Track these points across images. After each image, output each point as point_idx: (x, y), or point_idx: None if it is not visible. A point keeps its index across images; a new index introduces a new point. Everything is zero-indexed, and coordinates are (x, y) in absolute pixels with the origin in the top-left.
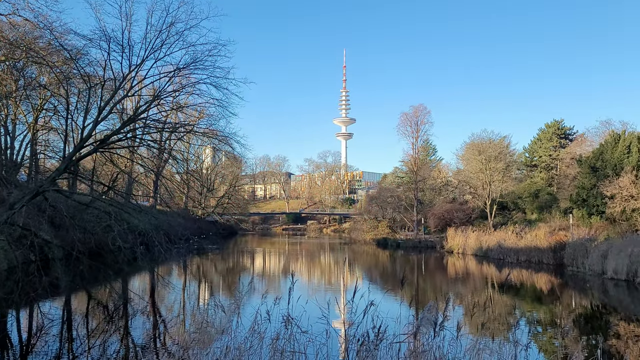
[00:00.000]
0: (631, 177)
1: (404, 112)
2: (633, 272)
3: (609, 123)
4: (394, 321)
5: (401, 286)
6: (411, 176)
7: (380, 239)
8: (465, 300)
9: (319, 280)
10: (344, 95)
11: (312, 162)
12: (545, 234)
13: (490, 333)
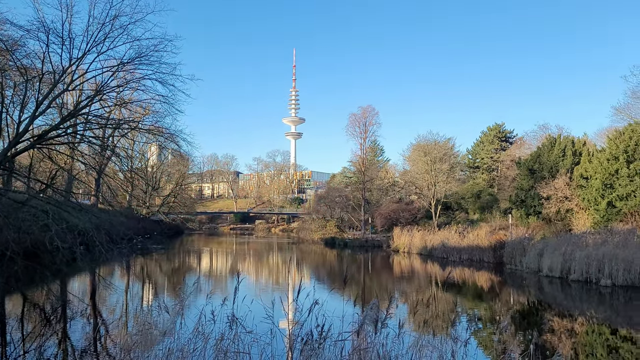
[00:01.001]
0: (565, 179)
1: (353, 113)
2: (566, 270)
3: (546, 127)
4: (339, 319)
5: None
6: (359, 176)
7: (328, 238)
8: (410, 298)
9: (267, 280)
10: (293, 95)
11: (261, 161)
12: (486, 233)
13: (432, 330)
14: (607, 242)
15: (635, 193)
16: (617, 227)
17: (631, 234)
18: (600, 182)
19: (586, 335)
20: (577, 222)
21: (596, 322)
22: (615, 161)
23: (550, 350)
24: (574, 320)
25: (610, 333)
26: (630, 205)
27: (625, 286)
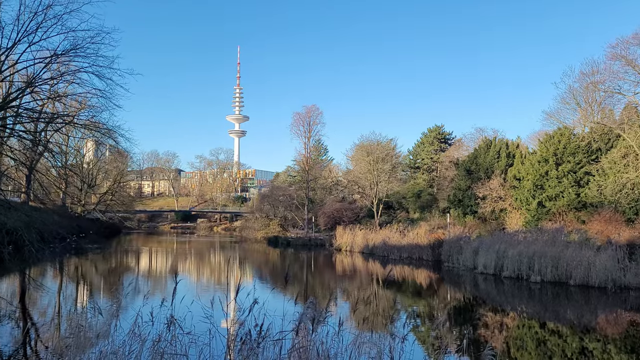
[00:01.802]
0: (500, 180)
1: (297, 112)
2: (499, 267)
3: (482, 130)
4: (280, 318)
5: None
6: (303, 175)
7: (272, 237)
8: (351, 296)
9: (208, 280)
10: (237, 92)
11: (204, 159)
12: (426, 232)
13: (372, 327)
14: (537, 240)
15: (563, 194)
16: (547, 226)
17: (559, 232)
18: (532, 183)
19: (517, 329)
20: (510, 221)
21: (526, 316)
22: (546, 163)
23: (484, 345)
24: (506, 315)
25: (540, 327)
26: (559, 205)
27: (553, 282)
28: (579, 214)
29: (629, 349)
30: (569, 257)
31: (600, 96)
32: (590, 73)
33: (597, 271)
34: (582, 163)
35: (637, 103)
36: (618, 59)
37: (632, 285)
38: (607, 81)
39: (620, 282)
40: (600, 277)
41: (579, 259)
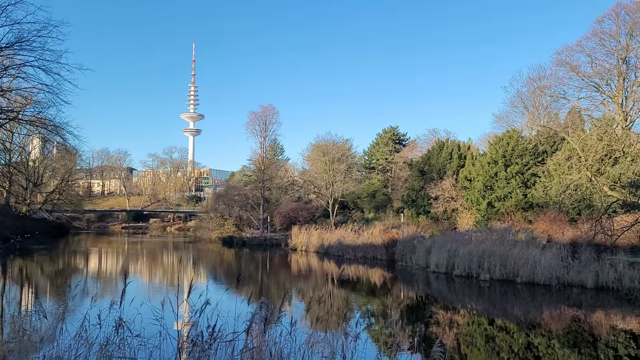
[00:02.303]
0: (452, 181)
1: (253, 111)
2: (451, 266)
3: (435, 131)
4: (234, 319)
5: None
6: (259, 175)
7: (227, 237)
8: (306, 296)
9: (160, 281)
10: (192, 90)
11: (157, 158)
12: (380, 231)
13: (326, 326)
14: (486, 239)
15: (512, 194)
16: (496, 226)
17: (507, 232)
18: (482, 183)
19: (467, 326)
20: (461, 221)
21: (476, 314)
22: (495, 165)
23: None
24: (457, 312)
25: (488, 324)
26: (507, 206)
27: (501, 280)
28: (526, 213)
29: (572, 343)
30: (516, 255)
31: (546, 100)
32: (537, 78)
33: (542, 269)
34: (529, 165)
35: (580, 108)
36: (563, 65)
37: (574, 282)
38: (553, 86)
39: (564, 279)
40: (545, 275)
41: (526, 258)
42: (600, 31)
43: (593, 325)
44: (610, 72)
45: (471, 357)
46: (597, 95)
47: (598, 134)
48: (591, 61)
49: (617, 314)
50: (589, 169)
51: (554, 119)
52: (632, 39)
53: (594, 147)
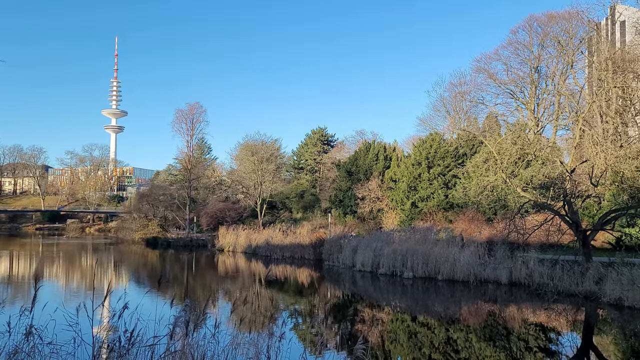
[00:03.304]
0: (378, 182)
1: (179, 109)
2: (376, 264)
3: (362, 133)
4: (155, 323)
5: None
6: (185, 174)
7: (150, 238)
8: (233, 297)
9: (78, 285)
10: (114, 85)
11: (76, 155)
12: (308, 231)
13: (252, 327)
14: (410, 238)
15: (434, 195)
16: (419, 225)
17: (429, 231)
18: (406, 184)
19: (391, 323)
20: (386, 221)
21: (399, 310)
22: (419, 166)
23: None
24: (381, 310)
25: (411, 320)
26: (430, 206)
27: (423, 277)
28: (447, 213)
29: (487, 337)
30: (438, 254)
31: (466, 105)
32: (458, 84)
33: (461, 266)
34: (450, 167)
35: (497, 113)
36: (482, 72)
37: (490, 278)
38: (473, 92)
39: (481, 276)
40: (464, 272)
41: (446, 256)
42: (515, 41)
43: (507, 319)
44: (524, 80)
45: (395, 353)
46: (512, 101)
47: (512, 139)
48: (507, 69)
49: (528, 307)
50: (504, 171)
51: (473, 123)
52: (544, 50)
53: (508, 150)
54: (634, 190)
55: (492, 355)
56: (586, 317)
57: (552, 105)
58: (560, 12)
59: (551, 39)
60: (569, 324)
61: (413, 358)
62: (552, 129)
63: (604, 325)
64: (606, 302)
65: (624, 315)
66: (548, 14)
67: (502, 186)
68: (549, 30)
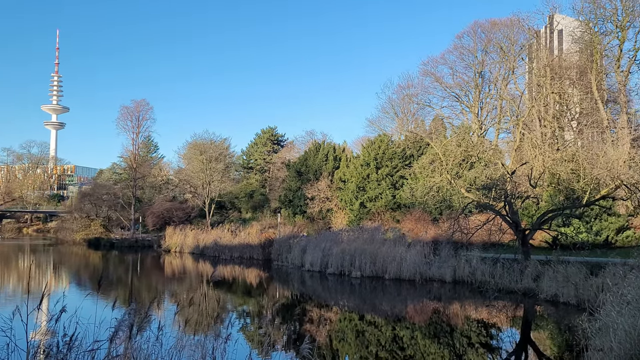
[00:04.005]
0: (327, 182)
1: (125, 106)
2: (325, 264)
3: (312, 133)
4: (96, 326)
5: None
6: (130, 173)
7: (92, 239)
8: (180, 298)
9: (14, 288)
10: (55, 80)
11: (12, 153)
12: (257, 231)
13: (198, 329)
14: (358, 238)
15: (382, 195)
16: (367, 225)
17: (377, 231)
18: (355, 185)
19: (339, 322)
20: (335, 221)
21: (347, 310)
22: (367, 167)
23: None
24: (329, 309)
25: (359, 319)
26: (378, 206)
27: (371, 277)
28: (394, 213)
29: (432, 334)
30: (385, 253)
31: (414, 108)
32: (406, 86)
33: (408, 266)
34: (398, 167)
35: (443, 116)
36: (429, 75)
37: (435, 277)
38: (420, 94)
39: (426, 274)
40: (410, 271)
41: (393, 255)
42: (461, 46)
43: (450, 316)
44: (469, 84)
45: (342, 352)
46: (458, 104)
47: (457, 141)
48: (453, 73)
49: (471, 305)
50: (449, 173)
51: (420, 125)
52: (487, 55)
53: (453, 152)
54: (569, 191)
55: (437, 352)
56: (525, 313)
57: (495, 109)
58: (502, 19)
59: (494, 45)
60: (508, 320)
61: (360, 357)
62: (494, 132)
63: (541, 320)
64: (543, 298)
65: (559, 311)
66: (491, 21)
67: (447, 187)
68: (492, 36)
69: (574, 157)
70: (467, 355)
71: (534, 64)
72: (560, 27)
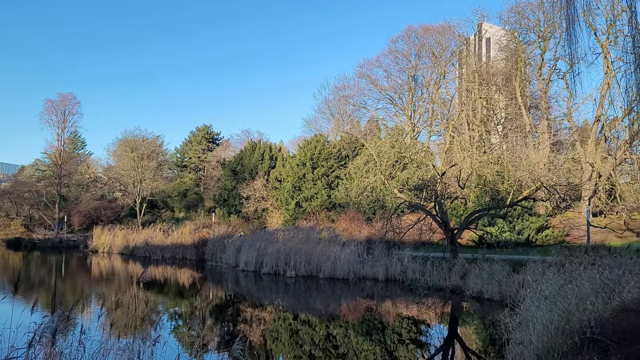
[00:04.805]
0: (263, 181)
1: (50, 99)
2: (260, 264)
3: (249, 132)
4: (12, 331)
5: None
6: (55, 170)
7: (12, 239)
8: (107, 301)
9: None
10: None
11: None
12: (191, 231)
13: (125, 332)
14: (293, 238)
15: (318, 195)
16: (302, 225)
17: (312, 230)
18: (291, 184)
19: (274, 322)
20: (271, 220)
21: (282, 309)
22: (303, 167)
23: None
24: (264, 309)
25: (293, 318)
26: (313, 206)
27: (305, 276)
28: (329, 213)
29: (365, 331)
30: (320, 252)
31: (350, 109)
32: (342, 87)
33: (342, 265)
34: (333, 168)
35: (378, 117)
36: (364, 78)
37: (368, 276)
38: (356, 96)
39: (360, 273)
40: (344, 270)
41: (328, 254)
42: (395, 50)
43: (382, 314)
44: (402, 87)
45: (276, 352)
46: (392, 107)
47: (391, 142)
48: (387, 76)
49: (402, 302)
50: (382, 173)
51: (356, 126)
52: (420, 60)
53: (387, 153)
54: (494, 192)
55: (369, 349)
56: (452, 309)
57: (427, 112)
58: (435, 25)
59: (426, 50)
60: (437, 317)
61: (294, 356)
62: (426, 134)
63: (467, 316)
64: (469, 295)
65: (484, 307)
66: (424, 27)
67: (381, 187)
68: (425, 41)
69: (499, 159)
70: (398, 351)
71: (463, 69)
72: (488, 35)
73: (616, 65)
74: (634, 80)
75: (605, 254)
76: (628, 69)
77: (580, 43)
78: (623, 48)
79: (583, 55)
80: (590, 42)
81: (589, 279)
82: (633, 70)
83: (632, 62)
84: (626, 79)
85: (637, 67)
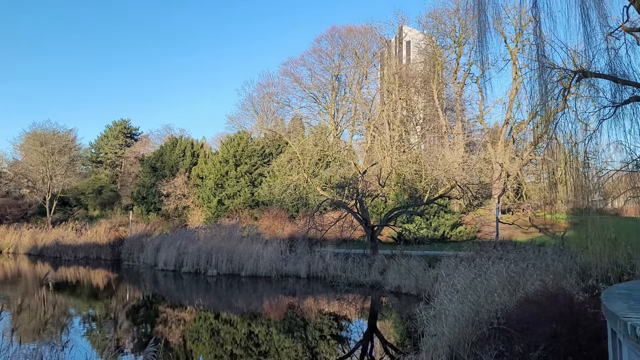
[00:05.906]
0: (184, 178)
1: None
2: (180, 263)
3: (169, 128)
4: None
5: None
6: None
7: None
8: (11, 305)
9: None
10: None
11: None
12: (106, 230)
13: (32, 337)
14: (215, 236)
15: (240, 193)
16: (225, 223)
17: (234, 228)
18: (213, 182)
19: (194, 322)
20: (192, 218)
21: (202, 309)
22: (226, 164)
23: (159, 340)
24: (184, 309)
25: (214, 318)
26: (236, 203)
27: (227, 274)
28: (252, 211)
29: (287, 329)
30: (242, 250)
31: (274, 106)
32: (266, 84)
33: (264, 262)
34: (257, 165)
35: (301, 116)
36: (288, 75)
37: (290, 273)
38: (280, 94)
39: (282, 271)
40: (267, 268)
41: (250, 252)
42: (319, 49)
43: (304, 311)
44: (326, 87)
45: (197, 352)
46: (315, 105)
47: (314, 141)
48: (311, 75)
49: (324, 298)
50: (306, 171)
51: (280, 123)
52: (343, 60)
53: (310, 151)
54: (413, 190)
55: (291, 346)
56: (372, 304)
57: (350, 111)
58: (358, 26)
59: (350, 51)
60: (357, 312)
61: (215, 355)
62: (349, 133)
63: (386, 311)
64: (388, 290)
65: (402, 302)
66: (348, 27)
67: (304, 185)
68: (348, 42)
69: (417, 159)
70: (319, 347)
71: (384, 71)
72: (408, 39)
73: (523, 72)
74: (537, 86)
75: (511, 249)
76: (533, 75)
77: (492, 49)
78: (529, 55)
79: (494, 61)
80: (500, 49)
81: (496, 272)
82: (537, 76)
83: (536, 68)
84: (531, 84)
85: (541, 73)
